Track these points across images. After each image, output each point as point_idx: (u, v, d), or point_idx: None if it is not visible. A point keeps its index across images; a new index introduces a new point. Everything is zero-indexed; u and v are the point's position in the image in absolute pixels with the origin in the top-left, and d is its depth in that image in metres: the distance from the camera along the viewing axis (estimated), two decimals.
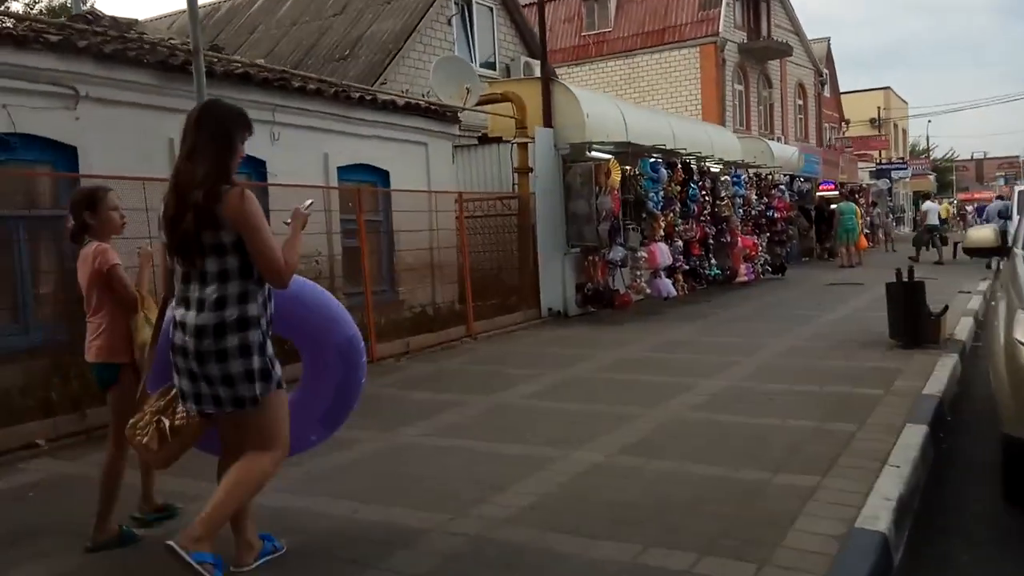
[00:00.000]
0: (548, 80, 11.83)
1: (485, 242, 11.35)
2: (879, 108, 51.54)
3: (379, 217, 10.25)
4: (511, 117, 11.45)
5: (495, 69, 16.33)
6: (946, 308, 8.65)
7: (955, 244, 22.86)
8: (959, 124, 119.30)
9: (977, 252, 5.28)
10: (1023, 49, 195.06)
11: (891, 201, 36.60)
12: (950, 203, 45.46)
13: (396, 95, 11.03)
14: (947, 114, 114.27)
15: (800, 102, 31.34)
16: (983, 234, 5.18)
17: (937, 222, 21.95)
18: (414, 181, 10.57)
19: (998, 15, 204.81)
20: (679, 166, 13.02)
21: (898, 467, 4.38)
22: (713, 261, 14.07)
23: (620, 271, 11.42)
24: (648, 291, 11.71)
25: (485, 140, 12.75)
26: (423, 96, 11.90)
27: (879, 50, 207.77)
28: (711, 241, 14.05)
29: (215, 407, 3.02)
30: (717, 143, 15.67)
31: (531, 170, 11.24)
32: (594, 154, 11.61)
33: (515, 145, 11.43)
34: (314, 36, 16.19)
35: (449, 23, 15.52)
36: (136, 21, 9.10)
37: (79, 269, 3.71)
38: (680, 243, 12.70)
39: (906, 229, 37.88)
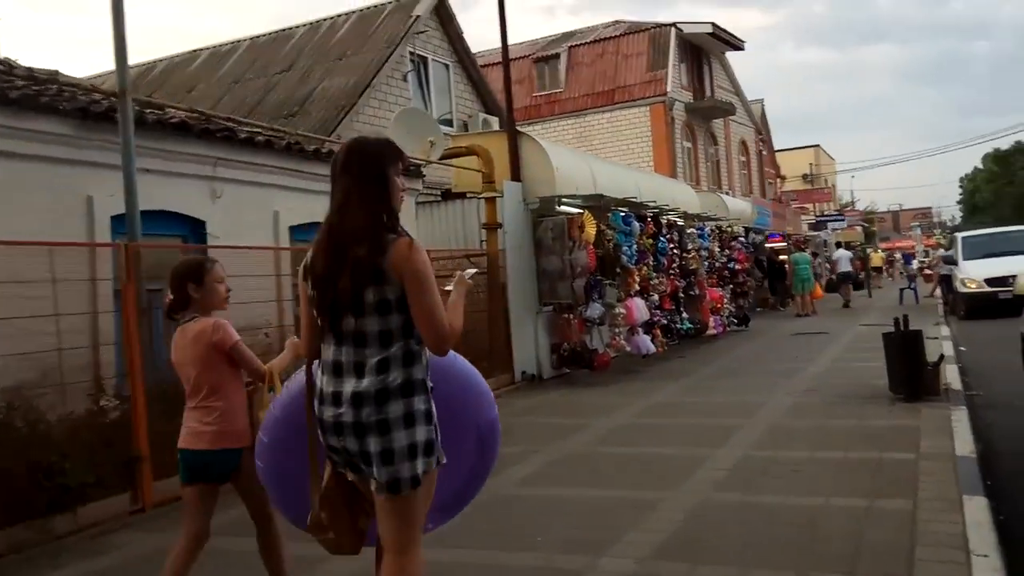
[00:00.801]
0: (515, 132, 11.36)
1: None
2: (811, 164, 53.11)
3: None
4: (477, 171, 10.89)
5: (452, 126, 15.87)
6: (942, 357, 8.32)
7: (902, 290, 23.71)
8: (877, 179, 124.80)
9: None
10: (928, 110, 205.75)
11: (827, 251, 37.25)
12: (882, 252, 46.63)
13: None
14: (867, 170, 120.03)
15: (743, 158, 31.75)
16: None
17: (849, 269, 23.47)
18: None
19: (905, 80, 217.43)
20: (649, 219, 12.62)
21: (986, 556, 3.80)
22: (685, 315, 13.62)
23: (597, 329, 10.83)
24: (628, 348, 11.12)
25: (449, 196, 12.16)
26: None
27: (803, 113, 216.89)
28: (681, 295, 13.63)
29: (372, 491, 2.61)
30: (678, 197, 15.41)
31: (500, 225, 10.66)
32: (564, 208, 11.11)
33: (483, 200, 10.86)
34: (259, 94, 15.51)
35: (405, 79, 15.05)
36: (57, 72, 8.14)
37: (181, 348, 3.44)
38: (656, 297, 12.23)
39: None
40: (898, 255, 52.52)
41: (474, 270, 3.07)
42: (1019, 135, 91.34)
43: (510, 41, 12.19)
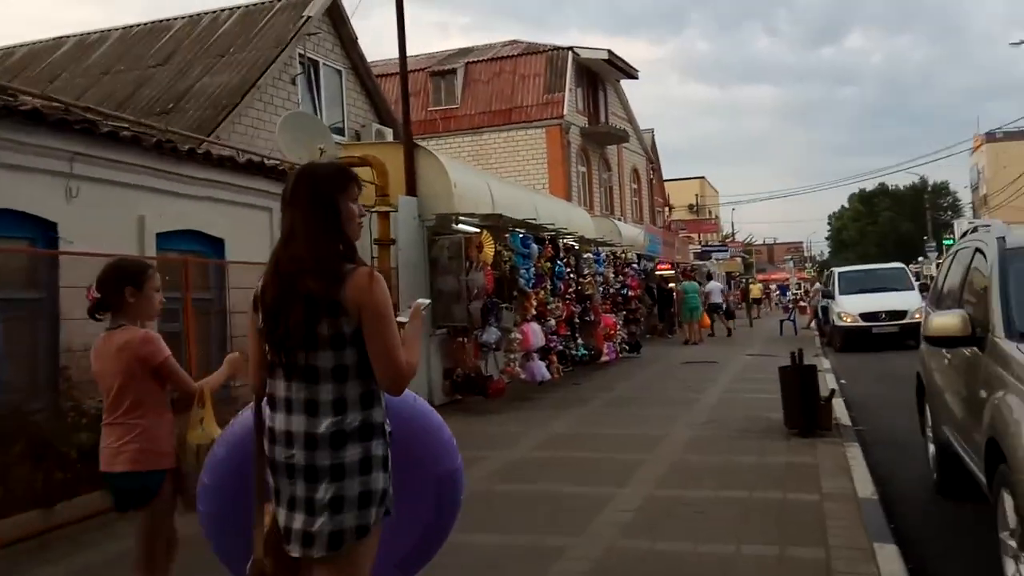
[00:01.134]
0: (412, 144, 10.86)
1: None
2: (696, 195, 54.82)
3: (210, 295, 8.62)
4: (371, 183, 10.29)
5: (344, 135, 15.20)
6: (833, 392, 8.39)
7: (782, 322, 24.49)
8: (754, 212, 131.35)
9: (943, 343, 4.56)
10: (800, 149, 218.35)
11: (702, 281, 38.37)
12: (761, 284, 48.47)
13: (236, 148, 9.61)
14: (746, 203, 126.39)
15: (635, 186, 32.25)
16: (948, 322, 4.39)
17: (720, 300, 24.32)
18: (256, 252, 9.04)
19: (780, 119, 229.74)
20: (547, 242, 12.34)
21: None
22: (580, 341, 13.40)
23: (493, 354, 10.42)
24: (522, 375, 10.74)
25: None
26: (264, 158, 10.53)
27: (689, 145, 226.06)
28: (576, 320, 13.41)
29: (302, 550, 2.34)
30: (575, 220, 15.25)
31: (393, 242, 10.12)
32: (461, 227, 10.68)
33: (375, 214, 10.28)
34: (130, 87, 14.34)
35: (293, 82, 14.29)
36: None
37: (103, 356, 3.18)
38: (552, 322, 11.93)
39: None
40: (773, 286, 54.75)
41: (428, 301, 2.90)
42: (883, 177, 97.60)
43: (406, 53, 11.69)
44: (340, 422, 2.34)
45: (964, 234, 6.20)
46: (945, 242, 60.29)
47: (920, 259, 54.83)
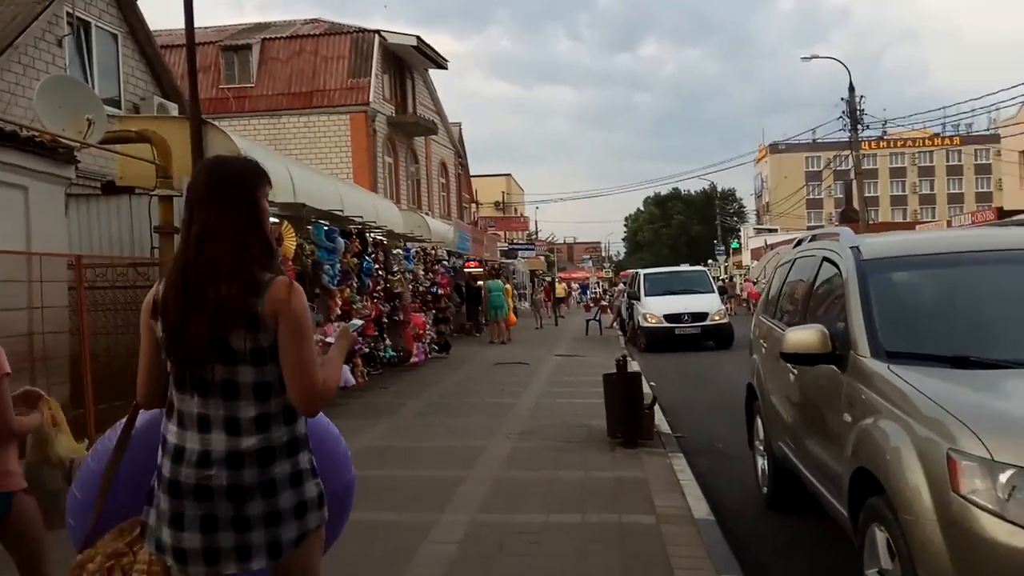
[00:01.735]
0: (200, 120, 9.54)
1: (114, 323, 8.46)
2: (503, 192, 55.36)
3: None
4: (150, 162, 8.91)
5: (120, 108, 13.38)
6: (655, 400, 8.14)
7: (588, 321, 24.90)
8: (555, 212, 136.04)
9: (799, 360, 4.17)
10: (599, 151, 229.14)
11: (515, 279, 38.67)
12: (567, 283, 49.78)
13: None
14: (549, 202, 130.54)
15: (443, 180, 31.71)
16: (806, 338, 3.93)
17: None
18: (6, 238, 7.54)
19: (579, 123, 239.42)
20: (354, 236, 11.41)
21: None
22: (388, 342, 12.56)
23: None
24: None
25: (112, 190, 9.94)
26: (21, 128, 8.84)
27: (493, 141, 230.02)
28: (385, 320, 12.56)
29: (239, 564, 2.20)
30: (383, 213, 14.35)
31: (177, 231, 8.81)
32: None
33: (156, 198, 8.91)
34: None
35: (60, 44, 12.36)
36: None
37: None
38: (358, 323, 10.99)
39: (525, 304, 40.25)
40: (575, 285, 56.39)
41: (361, 322, 3.09)
42: (678, 183, 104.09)
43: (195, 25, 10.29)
44: (267, 439, 2.22)
45: (799, 242, 5.98)
46: (733, 245, 65.11)
47: (710, 261, 58.57)
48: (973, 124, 74.01)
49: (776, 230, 69.11)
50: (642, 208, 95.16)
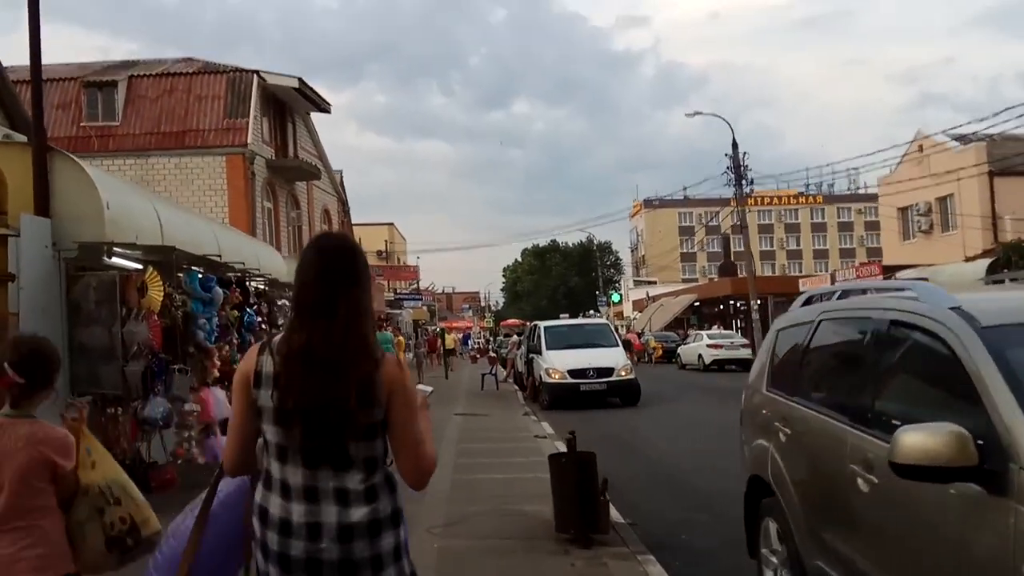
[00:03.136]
0: (45, 147, 7.91)
1: None
2: (386, 241, 53.95)
3: None
4: None
5: None
6: (606, 483, 6.75)
7: (484, 375, 23.62)
8: (434, 261, 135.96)
9: (922, 474, 2.63)
10: (473, 204, 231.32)
11: (403, 330, 37.15)
12: (455, 335, 48.48)
13: None
14: (429, 252, 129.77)
15: (326, 226, 30.09)
16: (936, 445, 2.58)
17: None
18: None
19: (454, 176, 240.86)
20: (234, 285, 9.86)
21: None
22: None
23: (160, 433, 7.72)
24: (200, 458, 8.08)
25: None
26: None
27: (370, 192, 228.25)
28: None
29: None
30: (265, 260, 12.79)
31: (13, 277, 7.12)
32: (118, 261, 7.93)
33: None
34: None
35: None
36: None
37: None
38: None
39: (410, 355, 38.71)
40: (459, 335, 55.23)
41: (431, 389, 2.72)
42: (556, 235, 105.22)
43: (53, 60, 8.68)
44: (375, 511, 2.25)
45: (810, 299, 4.91)
46: (613, 297, 65.72)
47: (591, 312, 58.61)
48: (835, 185, 78.53)
49: (655, 282, 70.59)
50: (520, 259, 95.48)
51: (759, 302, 31.33)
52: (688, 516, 7.32)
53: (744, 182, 30.66)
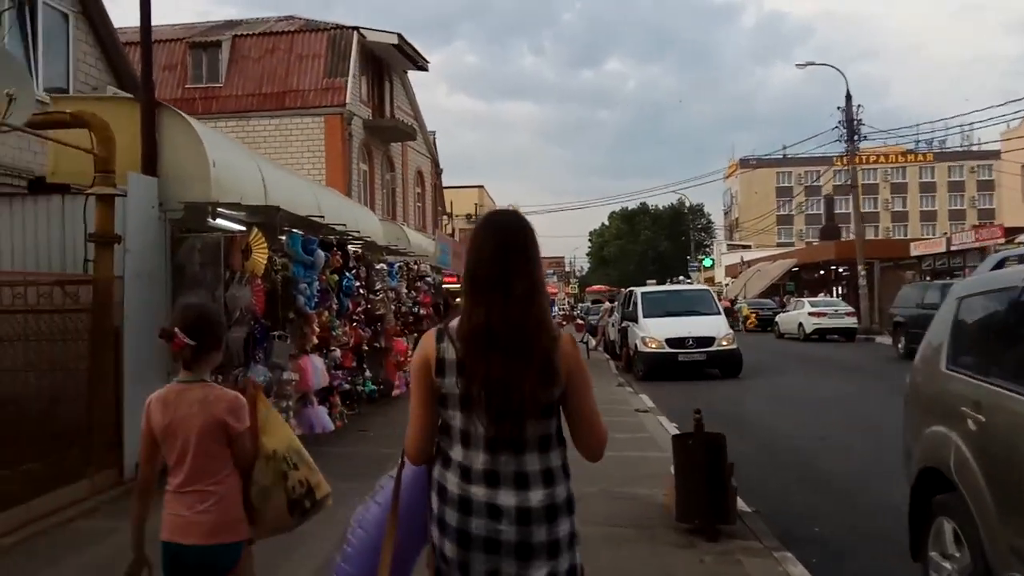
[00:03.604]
0: (153, 102, 7.83)
1: (23, 356, 6.61)
2: (476, 205, 53.80)
3: None
4: (88, 151, 7.18)
5: (69, 94, 11.61)
6: (732, 467, 6.25)
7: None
8: None
9: None
10: (560, 167, 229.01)
11: None
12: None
13: None
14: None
15: (419, 190, 30.06)
16: None
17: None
18: None
19: (540, 138, 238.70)
20: (335, 248, 9.71)
21: None
22: (368, 374, 10.85)
23: None
24: (297, 430, 8.00)
25: (42, 187, 8.18)
26: None
27: (460, 154, 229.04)
28: (365, 348, 10.84)
29: None
30: (363, 223, 12.67)
31: (118, 239, 7.10)
32: (223, 223, 7.84)
33: (93, 198, 7.17)
34: None
35: None
36: None
37: (176, 412, 2.83)
38: (337, 353, 9.29)
39: None
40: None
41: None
42: (645, 198, 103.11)
43: (159, 22, 8.58)
44: (552, 495, 2.28)
45: (1001, 262, 4.32)
46: (705, 262, 64.11)
47: (680, 277, 57.39)
48: (946, 141, 73.84)
49: (749, 246, 68.35)
50: (607, 223, 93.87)
51: (866, 268, 29.88)
52: (814, 503, 6.84)
53: (856, 137, 29.01)
